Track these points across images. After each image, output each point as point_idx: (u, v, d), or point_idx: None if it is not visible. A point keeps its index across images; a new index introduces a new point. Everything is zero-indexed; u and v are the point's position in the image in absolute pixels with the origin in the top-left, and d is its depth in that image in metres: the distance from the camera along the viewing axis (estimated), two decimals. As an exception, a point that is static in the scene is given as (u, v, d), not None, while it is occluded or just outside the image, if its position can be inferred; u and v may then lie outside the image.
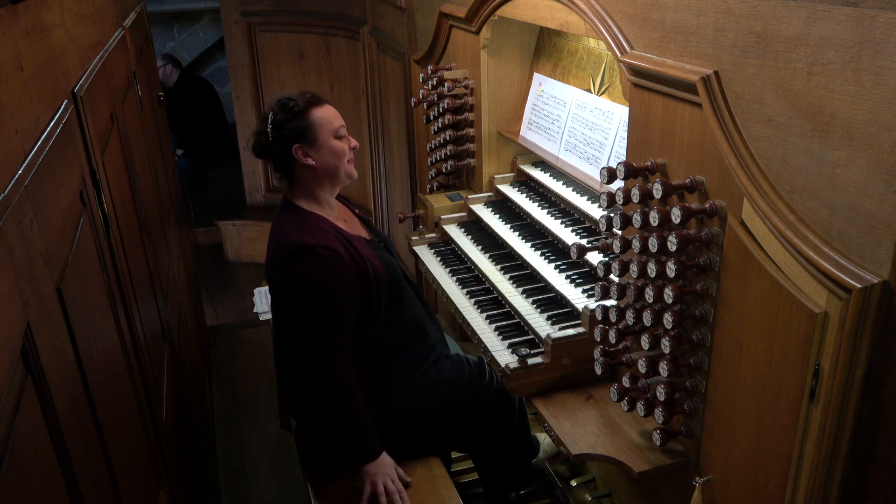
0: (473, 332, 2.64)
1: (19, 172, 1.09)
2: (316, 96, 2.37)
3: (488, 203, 3.28)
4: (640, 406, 1.99)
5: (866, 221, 1.35)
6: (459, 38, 3.26)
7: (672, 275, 1.80)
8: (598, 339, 2.13)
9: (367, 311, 2.31)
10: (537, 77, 3.12)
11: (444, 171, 3.45)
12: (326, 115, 2.35)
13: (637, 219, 1.86)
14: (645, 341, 1.92)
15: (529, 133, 3.13)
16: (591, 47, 2.83)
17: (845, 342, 1.38)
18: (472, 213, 3.28)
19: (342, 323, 2.24)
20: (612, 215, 1.98)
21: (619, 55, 2.00)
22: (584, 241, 2.43)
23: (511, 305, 2.66)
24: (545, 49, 3.11)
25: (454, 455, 3.20)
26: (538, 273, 2.70)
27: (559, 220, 2.84)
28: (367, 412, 2.29)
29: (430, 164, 3.57)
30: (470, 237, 3.17)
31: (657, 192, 1.85)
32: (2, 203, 0.98)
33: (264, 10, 5.58)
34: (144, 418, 1.83)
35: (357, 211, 2.59)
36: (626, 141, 2.09)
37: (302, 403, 2.30)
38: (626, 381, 2.06)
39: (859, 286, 1.33)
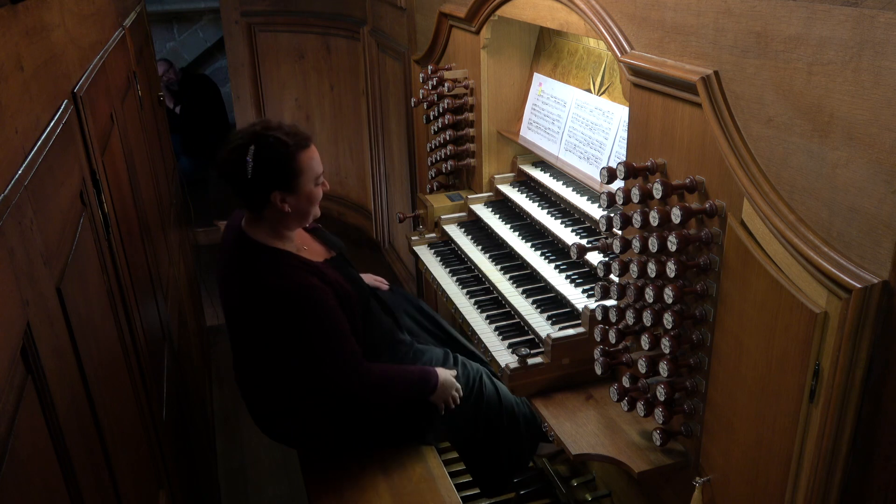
0: (473, 332, 2.64)
1: (19, 172, 1.09)
2: (305, 137, 2.28)
3: (488, 203, 3.28)
4: (640, 406, 1.99)
5: (866, 221, 1.35)
6: (459, 38, 3.26)
7: (672, 275, 1.80)
8: (598, 339, 2.13)
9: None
10: (537, 77, 3.12)
11: (444, 170, 3.45)
12: (312, 162, 2.27)
13: (637, 219, 1.86)
14: (645, 341, 1.92)
15: (529, 133, 3.13)
16: (591, 47, 2.83)
17: (845, 342, 1.38)
18: (472, 213, 3.28)
19: (345, 334, 2.34)
20: (612, 215, 1.98)
21: (619, 55, 2.00)
22: (584, 241, 2.43)
23: (511, 305, 2.66)
24: (545, 49, 3.11)
25: (454, 455, 3.20)
26: (538, 273, 2.70)
27: (559, 220, 2.84)
28: (402, 368, 2.48)
29: (430, 163, 3.57)
30: (470, 237, 3.17)
31: (657, 192, 1.85)
32: (2, 203, 0.98)
33: (264, 10, 5.59)
34: (144, 418, 1.83)
35: (307, 226, 2.52)
36: (626, 141, 2.09)
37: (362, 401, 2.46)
38: (626, 381, 2.06)
39: (859, 286, 1.33)
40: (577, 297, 2.50)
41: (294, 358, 2.37)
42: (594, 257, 2.42)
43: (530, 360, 2.34)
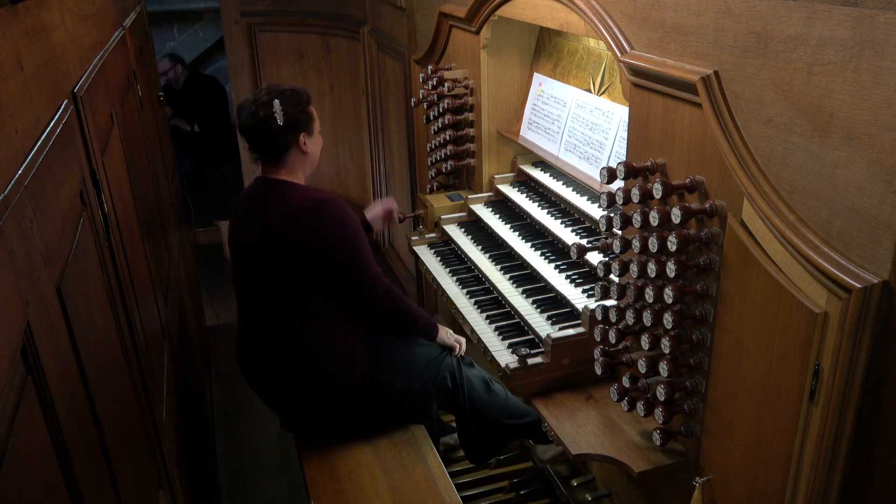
0: (473, 331, 2.64)
1: (19, 172, 1.09)
2: (307, 91, 2.64)
3: (488, 203, 3.28)
4: (640, 406, 1.99)
5: (866, 221, 1.35)
6: (459, 38, 3.26)
7: (672, 275, 1.80)
8: (598, 339, 2.13)
9: None
10: (537, 77, 3.12)
11: (444, 170, 3.45)
12: (314, 112, 2.63)
13: (637, 219, 1.86)
14: (645, 341, 1.92)
15: (529, 133, 3.13)
16: (591, 47, 2.83)
17: (845, 342, 1.38)
18: (472, 213, 3.28)
19: (368, 248, 2.58)
20: (612, 215, 1.98)
21: (619, 55, 2.00)
22: (584, 241, 2.43)
23: (511, 305, 2.66)
24: (545, 49, 3.11)
25: (453, 455, 3.20)
26: (538, 273, 2.70)
27: (559, 220, 2.84)
28: (412, 303, 2.72)
29: (430, 164, 3.57)
30: (470, 237, 3.17)
31: (657, 192, 1.85)
32: (2, 203, 0.98)
33: (264, 10, 5.58)
34: (144, 418, 1.83)
35: None
36: (626, 141, 2.09)
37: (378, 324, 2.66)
38: (626, 381, 2.06)
39: (859, 286, 1.33)
40: (577, 297, 2.50)
41: (319, 267, 2.49)
42: (594, 257, 2.42)
43: (530, 360, 2.34)
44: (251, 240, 2.56)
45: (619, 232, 1.99)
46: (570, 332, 2.35)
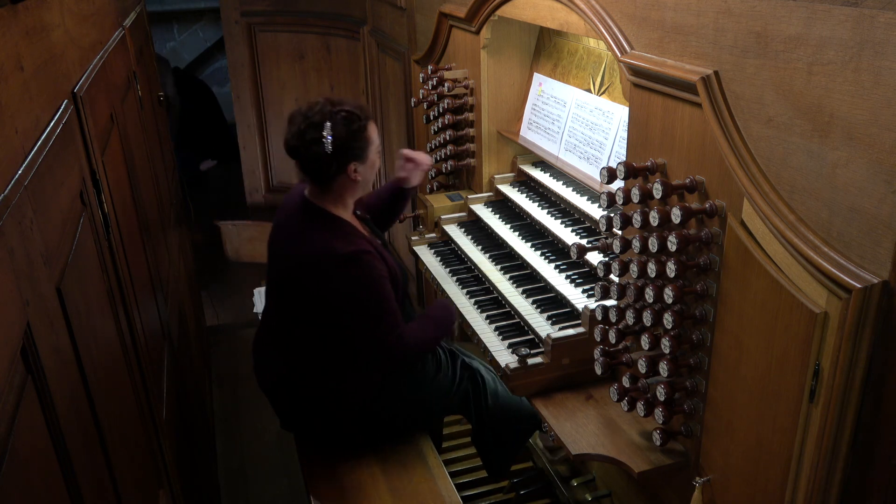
0: (473, 332, 2.64)
1: (19, 172, 1.09)
2: (367, 110, 2.43)
3: (488, 203, 3.28)
4: (640, 406, 1.99)
5: (866, 221, 1.35)
6: (459, 38, 3.26)
7: (672, 275, 1.80)
8: (598, 339, 2.13)
9: None
10: (537, 77, 3.12)
11: (444, 170, 3.45)
12: (375, 133, 2.43)
13: (637, 219, 1.86)
14: (645, 341, 1.92)
15: (529, 133, 3.13)
16: (591, 47, 2.83)
17: (845, 342, 1.38)
18: (472, 213, 3.28)
19: (392, 305, 2.41)
20: (612, 215, 1.98)
21: (619, 55, 2.00)
22: (584, 241, 2.43)
23: (511, 305, 2.66)
24: (545, 49, 3.11)
25: (454, 455, 3.20)
26: (538, 273, 2.70)
27: (559, 220, 2.84)
28: (427, 318, 2.59)
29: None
30: (470, 237, 3.17)
31: (657, 192, 1.85)
32: (2, 203, 0.98)
33: (264, 10, 5.58)
34: (144, 418, 1.83)
35: (358, 212, 2.65)
36: (626, 141, 2.09)
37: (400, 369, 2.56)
38: (626, 381, 2.06)
39: (859, 286, 1.33)
40: (577, 297, 2.50)
41: (341, 320, 2.41)
42: (594, 257, 2.42)
43: (530, 360, 2.34)
44: (277, 260, 2.51)
45: (619, 232, 1.99)
46: (570, 332, 2.35)
